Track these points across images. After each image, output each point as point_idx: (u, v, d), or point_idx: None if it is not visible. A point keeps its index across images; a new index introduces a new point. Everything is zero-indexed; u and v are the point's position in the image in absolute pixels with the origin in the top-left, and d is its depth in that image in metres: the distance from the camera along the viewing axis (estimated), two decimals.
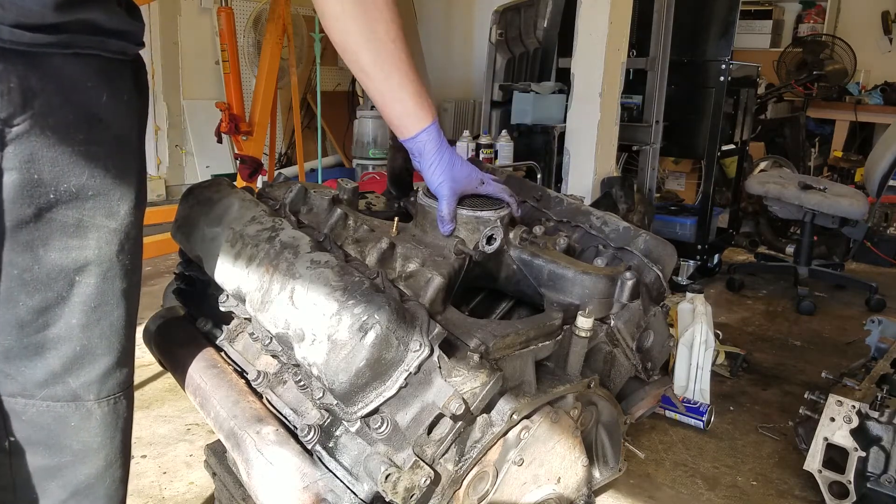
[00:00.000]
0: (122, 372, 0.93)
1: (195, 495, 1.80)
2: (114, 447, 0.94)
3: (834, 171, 5.49)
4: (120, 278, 0.90)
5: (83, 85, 0.82)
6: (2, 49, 0.75)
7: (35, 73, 0.77)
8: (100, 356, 0.90)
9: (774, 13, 6.42)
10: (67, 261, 0.84)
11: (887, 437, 1.75)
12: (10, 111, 0.76)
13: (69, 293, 0.85)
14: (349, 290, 0.98)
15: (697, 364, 2.33)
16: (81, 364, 0.88)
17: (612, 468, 1.43)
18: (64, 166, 0.81)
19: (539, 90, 3.32)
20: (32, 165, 0.79)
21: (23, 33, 0.75)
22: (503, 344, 1.09)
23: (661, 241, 1.45)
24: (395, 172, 1.81)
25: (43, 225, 0.82)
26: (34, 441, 0.89)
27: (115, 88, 0.86)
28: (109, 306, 0.89)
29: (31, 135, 0.78)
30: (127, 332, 0.93)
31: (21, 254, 0.81)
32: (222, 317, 1.40)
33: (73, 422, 0.89)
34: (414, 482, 0.97)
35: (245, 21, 5.17)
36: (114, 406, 0.93)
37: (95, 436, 0.91)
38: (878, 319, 2.36)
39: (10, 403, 0.86)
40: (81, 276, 0.86)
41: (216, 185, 1.37)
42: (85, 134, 0.82)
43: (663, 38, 3.22)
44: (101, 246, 0.87)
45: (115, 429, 0.94)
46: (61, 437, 0.89)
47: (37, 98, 0.78)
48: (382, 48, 1.10)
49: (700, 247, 3.69)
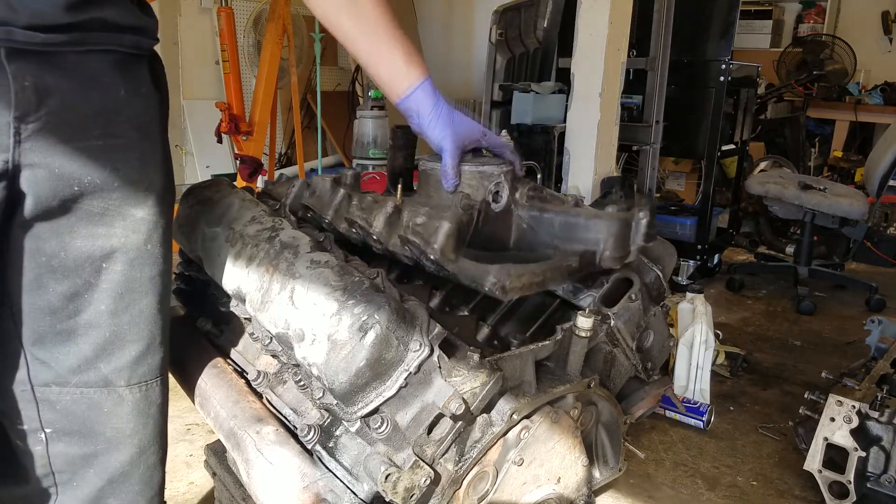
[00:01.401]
0: (153, 358, 0.95)
1: (195, 495, 1.80)
2: (147, 433, 0.96)
3: (834, 171, 5.48)
4: (148, 266, 0.92)
5: (99, 81, 0.84)
6: (15, 50, 0.77)
7: (50, 72, 0.80)
8: (130, 342, 0.92)
9: (774, 13, 6.42)
10: (94, 248, 0.87)
11: (887, 437, 1.75)
12: (25, 109, 0.78)
13: (97, 280, 0.88)
14: (349, 289, 0.98)
15: (697, 364, 2.33)
16: (112, 350, 0.91)
17: (612, 468, 1.43)
18: (84, 160, 0.83)
19: (539, 90, 3.32)
20: (52, 160, 0.81)
21: (35, 34, 0.77)
22: (519, 283, 1.08)
23: (661, 240, 1.45)
24: (395, 172, 1.81)
25: (68, 214, 0.84)
26: (69, 430, 0.91)
27: (133, 82, 0.88)
28: (138, 293, 0.91)
29: (47, 131, 0.80)
30: (157, 319, 0.95)
31: (48, 241, 0.84)
32: (222, 317, 1.40)
33: (106, 408, 0.91)
34: (414, 482, 0.97)
35: (245, 21, 5.17)
36: (146, 392, 0.95)
37: (128, 422, 0.93)
38: (878, 319, 2.36)
39: (45, 393, 0.89)
40: (108, 264, 0.88)
41: (216, 185, 1.37)
42: (103, 128, 0.85)
43: (663, 38, 3.22)
44: (128, 234, 0.89)
45: (147, 415, 0.95)
46: (95, 424, 0.91)
47: (52, 96, 0.80)
48: (363, 9, 1.08)
49: (700, 247, 3.69)
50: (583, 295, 1.38)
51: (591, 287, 1.38)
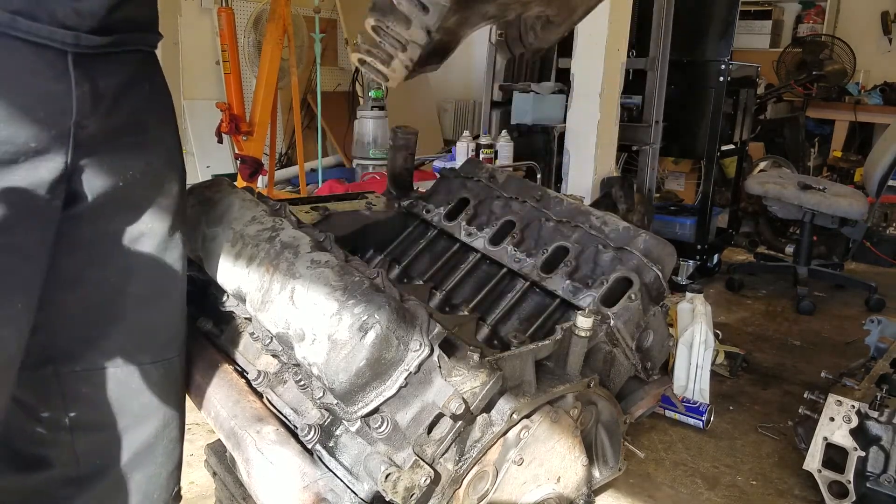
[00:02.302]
0: (176, 336, 1.02)
1: (195, 495, 1.80)
2: (170, 407, 1.02)
3: (833, 171, 5.49)
4: (173, 249, 0.98)
5: (134, 80, 0.88)
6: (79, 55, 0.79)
7: (102, 75, 0.83)
8: (157, 322, 0.98)
9: (774, 13, 6.42)
10: (128, 235, 0.92)
11: (887, 436, 1.75)
12: (83, 113, 0.81)
13: (129, 264, 0.93)
14: (349, 289, 0.99)
15: (697, 364, 2.33)
16: (142, 330, 0.96)
17: (612, 468, 1.43)
18: (127, 156, 0.88)
19: (539, 90, 3.32)
20: (102, 160, 0.85)
21: (94, 38, 0.80)
22: None
23: (660, 241, 1.45)
24: (395, 172, 1.81)
25: (111, 207, 0.89)
26: (93, 412, 0.94)
27: (154, 77, 0.94)
28: (165, 277, 0.97)
29: (99, 133, 0.84)
30: (178, 299, 1.01)
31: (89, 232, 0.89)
32: (222, 316, 1.41)
33: (134, 384, 0.96)
34: (414, 482, 0.97)
35: (245, 21, 5.17)
36: (169, 368, 1.00)
37: (154, 396, 0.98)
38: (878, 319, 2.36)
39: (71, 378, 0.92)
40: (139, 247, 0.93)
41: (216, 185, 1.37)
42: (138, 124, 0.90)
43: (663, 38, 3.22)
44: (156, 221, 0.94)
45: (170, 389, 1.01)
46: (123, 402, 0.96)
47: (103, 99, 0.83)
48: None
49: (700, 247, 3.69)
50: (582, 295, 1.38)
51: (590, 287, 1.38)
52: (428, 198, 1.76)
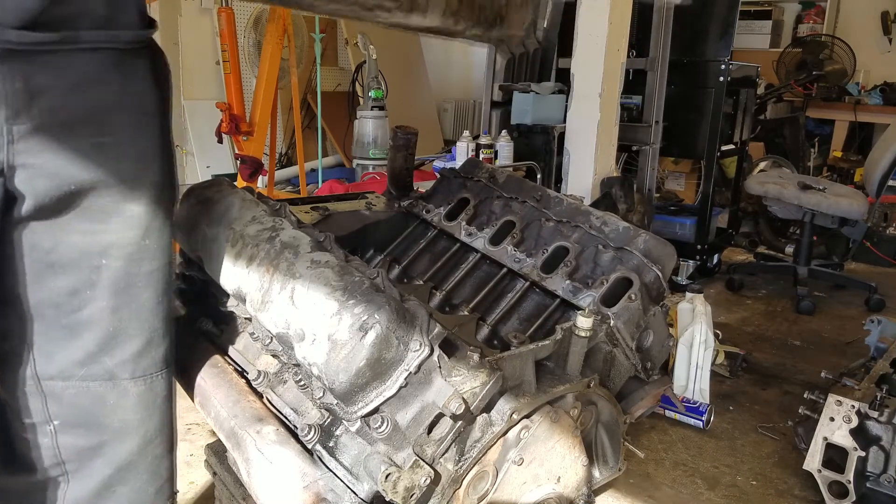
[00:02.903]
0: (156, 351, 0.97)
1: (195, 495, 1.80)
2: (152, 424, 0.98)
3: (833, 171, 5.48)
4: (147, 261, 0.93)
5: (92, 79, 0.84)
6: (7, 50, 0.77)
7: (41, 72, 0.80)
8: (132, 336, 0.93)
9: (774, 13, 6.42)
10: (91, 244, 0.88)
11: (887, 436, 1.75)
12: (17, 110, 0.79)
13: (96, 276, 0.89)
14: (349, 289, 0.99)
15: (697, 364, 2.33)
16: (114, 345, 0.92)
17: (612, 468, 1.43)
18: (79, 159, 0.84)
19: (539, 90, 3.32)
20: (45, 160, 0.82)
21: (27, 33, 0.77)
22: None
23: (660, 241, 1.45)
24: (395, 172, 1.81)
25: (65, 212, 0.85)
26: (76, 422, 0.92)
27: (128, 79, 0.88)
28: (138, 288, 0.93)
29: (40, 132, 0.81)
30: (158, 313, 0.96)
31: (45, 238, 0.86)
32: (222, 317, 1.41)
33: (111, 400, 0.93)
34: (414, 482, 0.97)
35: (245, 21, 5.17)
36: (150, 384, 0.96)
37: (133, 413, 0.95)
38: (878, 319, 2.36)
39: (51, 387, 0.90)
40: (107, 259, 0.89)
41: (217, 185, 1.38)
42: (97, 127, 0.85)
43: (663, 38, 3.22)
44: (125, 230, 0.90)
45: (152, 406, 0.97)
46: (101, 416, 0.93)
47: (43, 96, 0.80)
48: None
49: (700, 247, 3.69)
50: (582, 295, 1.38)
51: (590, 287, 1.38)
52: (428, 198, 1.76)
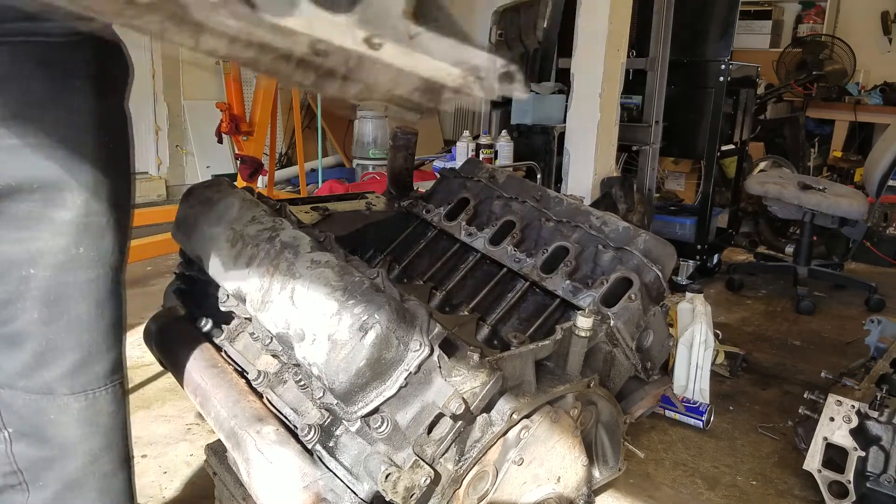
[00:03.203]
0: (97, 367, 0.90)
1: (195, 495, 1.80)
2: (96, 442, 0.91)
3: (833, 171, 5.49)
4: (81, 270, 0.86)
5: (15, 76, 0.77)
6: None
7: None
8: (66, 351, 0.87)
9: (774, 13, 6.42)
10: (18, 253, 0.82)
11: (887, 436, 1.75)
12: None
13: (25, 286, 0.83)
14: (349, 289, 0.99)
15: (697, 364, 2.33)
16: (49, 359, 0.86)
17: (612, 467, 1.43)
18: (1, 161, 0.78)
19: (539, 90, 3.32)
20: None
21: None
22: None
23: (660, 241, 1.45)
24: (395, 172, 1.81)
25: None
26: (25, 432, 0.88)
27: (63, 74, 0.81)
28: (71, 300, 0.86)
29: None
30: (97, 326, 0.89)
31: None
32: (222, 317, 1.41)
33: (52, 415, 0.88)
34: (414, 481, 0.97)
35: None
36: (92, 401, 0.90)
37: (74, 430, 0.89)
38: (878, 319, 2.36)
39: (1, 395, 0.86)
40: (35, 269, 0.83)
41: (217, 185, 1.38)
42: (21, 127, 0.78)
43: (663, 38, 3.22)
44: (54, 237, 0.83)
45: (94, 424, 0.91)
46: (45, 430, 0.88)
47: None
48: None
49: (700, 247, 3.69)
50: (582, 295, 1.38)
51: (590, 287, 1.38)
52: (428, 198, 1.76)
